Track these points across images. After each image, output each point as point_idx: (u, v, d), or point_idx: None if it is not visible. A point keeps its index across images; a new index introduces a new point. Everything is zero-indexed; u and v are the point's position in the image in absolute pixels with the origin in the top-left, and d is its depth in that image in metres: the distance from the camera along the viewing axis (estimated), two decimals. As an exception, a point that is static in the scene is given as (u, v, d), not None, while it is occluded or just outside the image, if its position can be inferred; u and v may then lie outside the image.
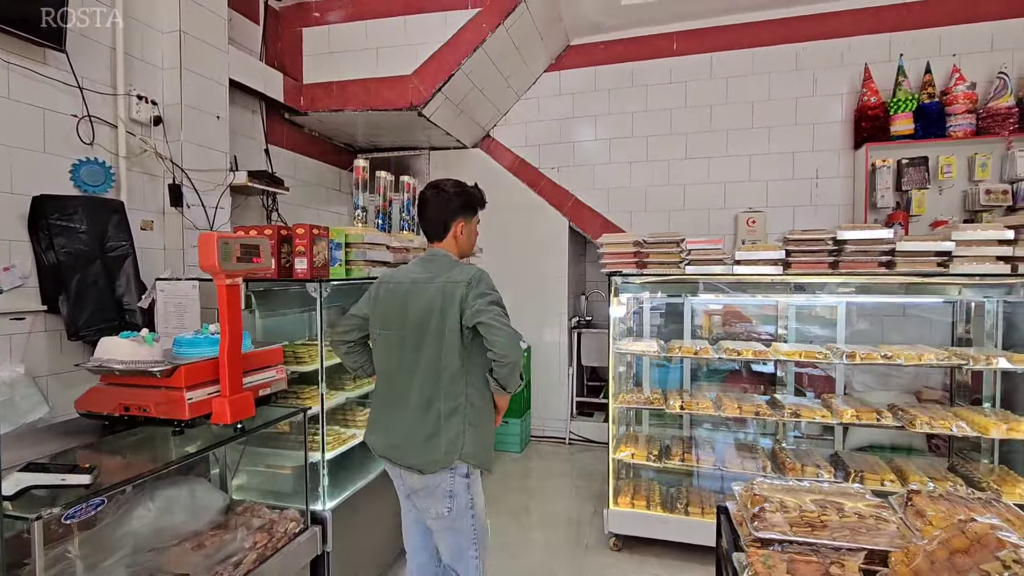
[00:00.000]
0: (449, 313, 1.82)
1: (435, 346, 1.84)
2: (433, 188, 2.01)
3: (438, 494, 1.85)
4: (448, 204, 1.98)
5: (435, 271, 1.91)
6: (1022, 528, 1.36)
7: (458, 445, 1.82)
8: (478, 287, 1.83)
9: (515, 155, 5.21)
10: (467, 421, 1.84)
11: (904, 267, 2.68)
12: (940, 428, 2.67)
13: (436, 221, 1.99)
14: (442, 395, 1.83)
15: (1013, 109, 3.87)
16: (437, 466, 1.81)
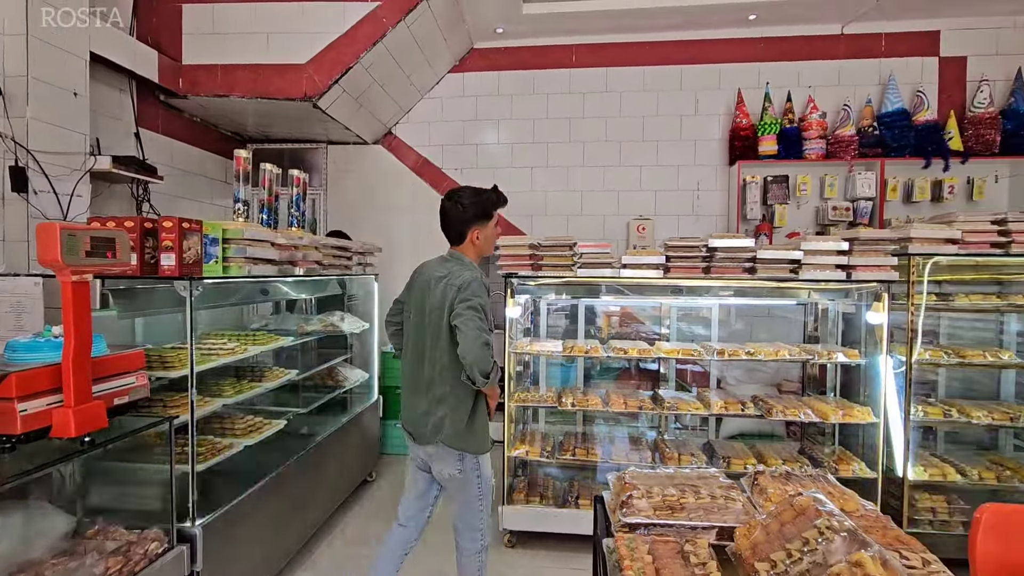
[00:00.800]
0: (445, 311, 2.09)
1: (437, 338, 2.13)
2: (450, 199, 2.22)
3: (449, 460, 2.13)
4: (463, 215, 2.20)
5: (448, 271, 2.17)
6: (839, 499, 1.58)
7: (441, 428, 2.11)
8: (464, 292, 2.05)
9: (418, 154, 5.16)
10: (449, 407, 2.11)
11: (764, 273, 2.99)
12: (792, 416, 3.02)
13: (454, 230, 2.24)
14: (436, 382, 2.14)
15: (854, 137, 4.47)
16: (427, 440, 2.14)
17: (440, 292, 2.12)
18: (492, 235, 2.29)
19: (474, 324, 1.98)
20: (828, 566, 1.15)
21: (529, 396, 3.38)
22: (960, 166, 4.39)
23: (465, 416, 2.12)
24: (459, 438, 2.11)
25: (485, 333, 2.00)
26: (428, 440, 2.14)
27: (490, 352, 2.01)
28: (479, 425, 2.17)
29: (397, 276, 5.03)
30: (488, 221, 2.24)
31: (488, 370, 2.00)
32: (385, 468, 4.42)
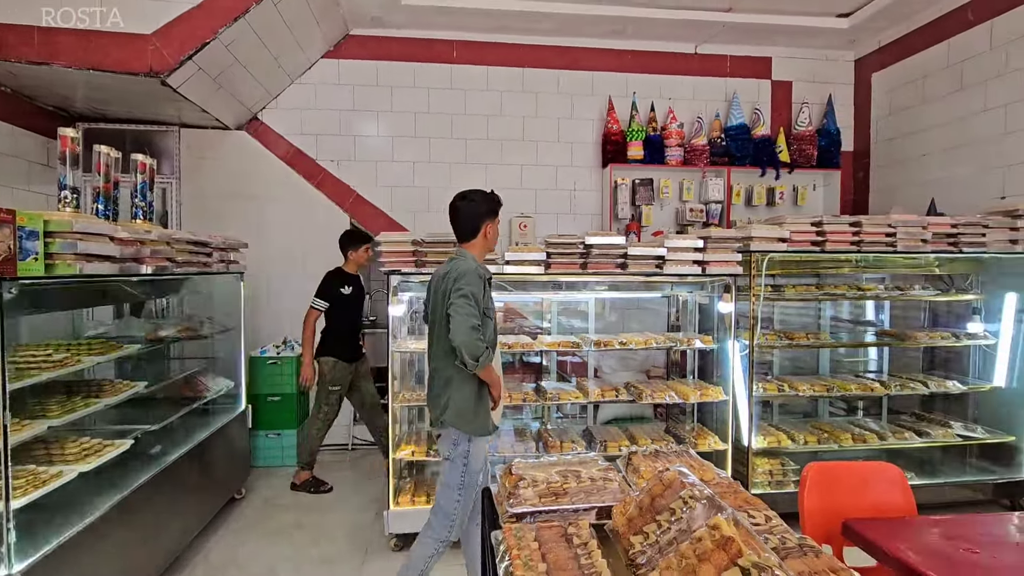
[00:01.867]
0: (445, 302, 2.26)
1: (441, 328, 2.32)
2: (462, 199, 2.45)
3: (447, 441, 2.36)
4: (478, 209, 2.42)
5: (450, 267, 2.36)
6: (699, 470, 1.75)
7: (446, 409, 2.33)
8: (458, 282, 2.24)
9: (290, 143, 4.80)
10: (454, 389, 2.32)
11: (634, 268, 3.23)
12: (659, 398, 3.30)
13: (468, 225, 2.43)
14: (441, 368, 2.37)
15: (706, 146, 4.99)
16: (436, 421, 2.39)
17: (443, 286, 2.32)
18: (498, 232, 2.53)
19: (463, 311, 2.16)
20: (692, 531, 1.28)
21: (415, 395, 3.32)
22: (788, 175, 5.11)
23: (467, 398, 2.31)
24: (460, 418, 2.31)
25: (474, 319, 2.16)
26: (436, 420, 2.39)
27: (478, 336, 2.17)
28: (480, 408, 2.34)
29: (267, 274, 4.68)
30: (495, 217, 2.48)
31: (478, 354, 2.15)
32: (257, 482, 4.07)
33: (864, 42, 5.11)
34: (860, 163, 5.24)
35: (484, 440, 2.38)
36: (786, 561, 1.15)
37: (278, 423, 4.36)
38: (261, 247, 4.62)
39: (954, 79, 4.30)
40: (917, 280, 3.98)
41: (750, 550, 1.10)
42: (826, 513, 1.94)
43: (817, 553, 1.22)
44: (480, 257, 2.45)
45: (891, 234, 3.43)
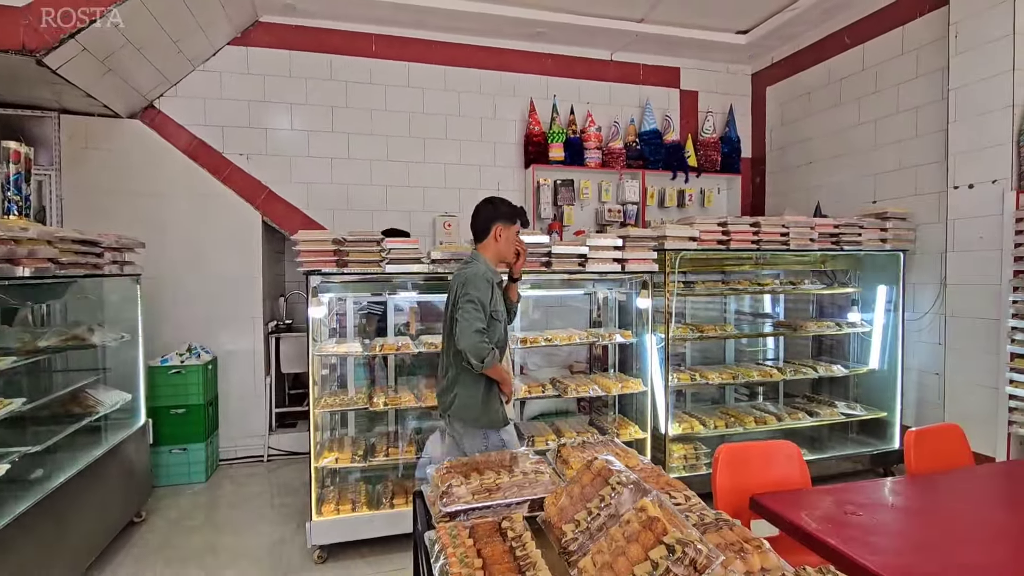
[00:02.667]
0: (452, 306, 2.40)
1: (449, 330, 2.43)
2: (487, 202, 2.53)
3: (457, 429, 2.48)
4: (494, 212, 2.49)
5: (463, 271, 2.45)
6: (624, 458, 1.84)
7: (450, 404, 2.44)
8: (465, 287, 2.35)
9: (192, 135, 4.45)
10: (461, 386, 2.42)
11: (558, 266, 3.32)
12: (583, 392, 3.41)
13: (481, 224, 2.51)
14: (450, 367, 2.46)
15: (622, 150, 5.22)
16: (445, 417, 2.52)
17: (454, 288, 2.43)
18: (512, 239, 2.54)
19: (469, 316, 2.29)
20: (620, 515, 1.34)
21: (337, 400, 3.20)
22: (696, 179, 5.47)
23: (473, 395, 2.41)
24: (467, 412, 2.42)
25: (479, 323, 2.29)
26: (443, 414, 2.52)
27: (483, 339, 2.29)
28: (489, 404, 2.43)
29: (168, 276, 4.31)
30: (512, 224, 2.52)
31: (483, 355, 2.28)
32: (160, 503, 3.74)
33: (760, 58, 5.58)
34: (757, 169, 5.72)
35: (496, 432, 2.48)
36: (705, 535, 1.23)
37: (183, 437, 4.03)
38: (161, 247, 4.25)
39: (834, 95, 4.80)
40: (806, 275, 4.41)
41: (674, 528, 1.18)
42: (736, 490, 2.10)
43: (732, 526, 1.32)
44: (493, 260, 2.52)
45: (785, 233, 3.77)
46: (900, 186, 4.21)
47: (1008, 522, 1.85)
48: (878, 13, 4.37)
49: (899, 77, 4.21)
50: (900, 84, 4.20)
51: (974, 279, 3.54)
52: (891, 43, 4.27)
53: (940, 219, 3.84)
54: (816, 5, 4.52)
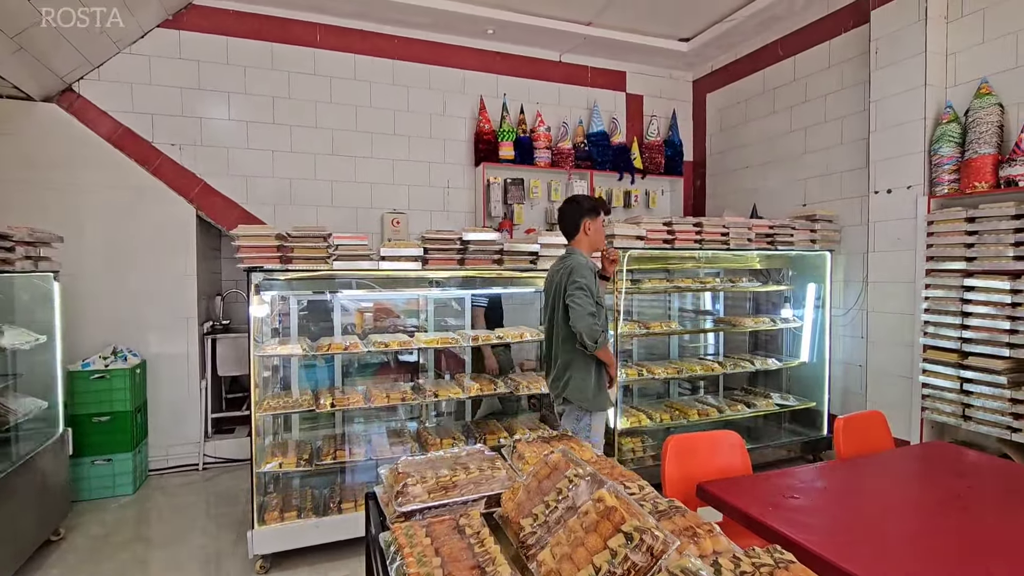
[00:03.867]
0: (561, 295, 2.62)
1: (556, 314, 2.69)
2: (569, 202, 2.79)
3: (571, 416, 2.69)
4: (580, 207, 2.74)
5: (563, 263, 2.71)
6: (579, 451, 1.86)
7: (567, 387, 2.66)
8: (571, 276, 2.59)
9: (117, 122, 4.14)
10: (575, 370, 2.65)
11: (509, 264, 3.33)
12: (535, 389, 3.44)
13: (571, 223, 2.76)
14: (561, 351, 2.70)
15: (571, 150, 5.30)
16: (558, 400, 2.74)
17: (558, 280, 2.67)
18: (600, 229, 2.78)
19: (581, 301, 2.52)
20: (578, 507, 1.35)
21: (280, 403, 3.07)
22: (641, 180, 5.63)
23: (587, 377, 2.63)
24: (581, 394, 2.63)
25: (590, 307, 2.52)
26: (558, 399, 2.72)
27: (595, 322, 2.52)
28: (599, 387, 2.66)
29: (91, 273, 3.99)
30: (597, 216, 2.75)
31: (596, 337, 2.50)
32: (80, 519, 3.46)
33: (700, 66, 5.81)
34: (698, 172, 5.96)
35: (603, 415, 2.72)
36: (660, 522, 1.26)
37: (108, 447, 3.74)
38: (83, 242, 3.94)
39: (768, 104, 5.08)
40: (744, 274, 4.63)
41: (631, 516, 1.20)
42: (684, 479, 2.18)
43: (683, 513, 1.36)
44: (587, 251, 2.75)
45: (725, 234, 3.95)
46: (827, 190, 4.51)
47: (921, 497, 2.02)
48: (807, 28, 4.65)
49: (826, 88, 4.50)
50: (827, 95, 4.49)
51: (891, 277, 3.83)
52: (819, 56, 4.56)
53: (862, 221, 4.14)
54: (752, 17, 4.75)
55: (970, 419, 3.29)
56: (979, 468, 2.24)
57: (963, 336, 3.31)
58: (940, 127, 3.54)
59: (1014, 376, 3.12)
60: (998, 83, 3.40)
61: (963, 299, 3.30)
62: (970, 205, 3.34)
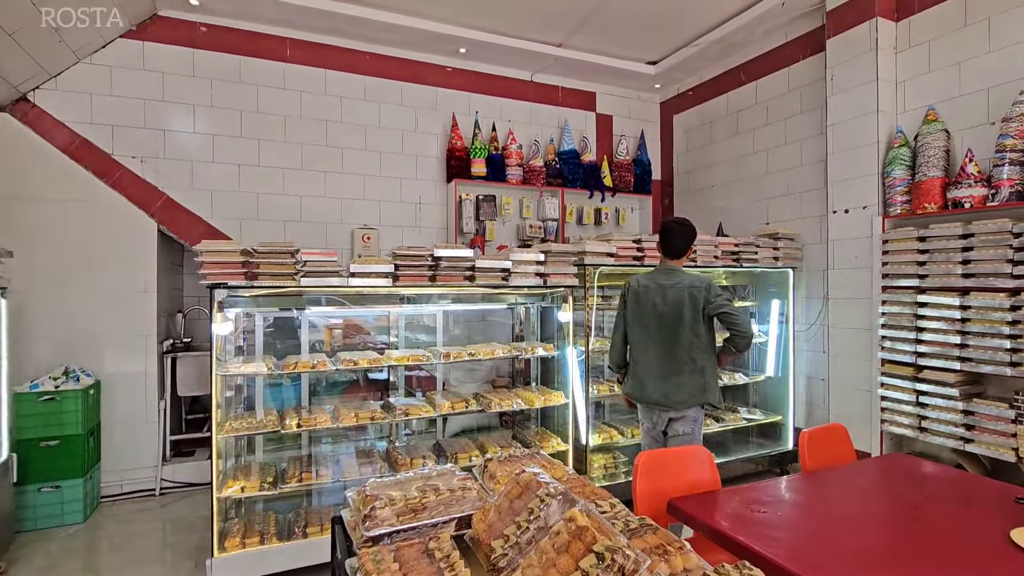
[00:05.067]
0: (691, 308, 2.82)
1: (681, 327, 2.84)
2: (680, 224, 2.94)
3: (687, 421, 2.88)
4: (691, 233, 2.94)
5: (677, 279, 2.88)
6: (551, 469, 1.85)
7: (696, 392, 2.85)
8: (713, 290, 2.82)
9: (74, 133, 4.00)
10: (707, 374, 2.86)
11: (482, 280, 3.32)
12: (507, 406, 3.41)
13: (681, 245, 2.94)
14: (686, 359, 2.85)
15: (543, 168, 5.36)
16: (684, 405, 2.85)
17: (678, 294, 2.84)
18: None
19: (735, 309, 2.81)
20: (549, 527, 1.34)
21: (244, 424, 2.97)
22: (612, 198, 5.72)
23: (715, 377, 2.91)
24: (714, 395, 2.89)
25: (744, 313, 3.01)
26: (683, 405, 2.85)
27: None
28: (716, 384, 2.94)
29: (40, 290, 3.81)
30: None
31: (751, 339, 2.83)
32: (24, 551, 3.25)
33: (667, 88, 5.99)
34: (666, 191, 6.10)
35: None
36: (631, 541, 1.26)
37: (57, 473, 3.54)
38: (33, 257, 3.77)
39: (731, 126, 5.25)
40: (711, 290, 4.72)
41: (603, 535, 1.20)
42: (655, 495, 2.18)
43: (655, 530, 1.36)
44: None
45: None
46: (789, 209, 4.67)
47: (882, 509, 2.07)
48: (768, 54, 4.85)
49: (787, 112, 4.69)
50: (788, 118, 4.68)
51: (850, 294, 3.98)
52: (779, 81, 4.75)
53: (823, 240, 4.29)
54: (715, 43, 4.94)
55: (926, 430, 3.41)
56: (934, 479, 2.31)
57: (918, 351, 3.44)
58: (892, 151, 3.72)
59: (965, 388, 3.25)
60: (943, 110, 3.60)
61: (917, 315, 3.45)
62: (921, 225, 3.50)
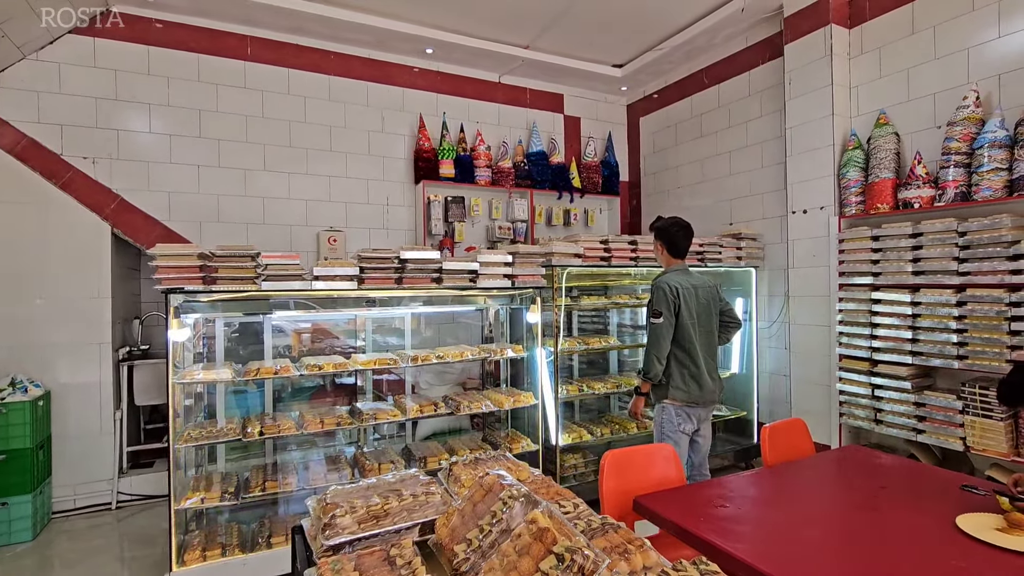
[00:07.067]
0: (716, 304, 3.08)
1: (713, 325, 3.06)
2: (683, 225, 3.06)
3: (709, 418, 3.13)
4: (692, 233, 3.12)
5: (699, 280, 3.05)
6: (516, 471, 1.85)
7: (722, 389, 3.13)
8: (721, 291, 3.16)
9: (21, 133, 3.82)
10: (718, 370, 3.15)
11: (449, 282, 3.30)
12: (476, 408, 3.40)
13: (688, 245, 3.08)
14: (716, 356, 3.09)
15: (511, 169, 5.37)
16: (717, 400, 3.09)
17: (707, 294, 3.03)
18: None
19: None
20: (512, 530, 1.34)
21: (204, 432, 2.88)
22: (580, 199, 5.77)
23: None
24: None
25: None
26: (717, 400, 3.09)
27: None
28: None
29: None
30: None
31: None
32: (-34, 574, 3.08)
33: (633, 91, 6.07)
34: (633, 192, 6.18)
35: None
36: (592, 540, 1.27)
37: (3, 489, 3.37)
38: (-27, 262, 3.58)
39: (696, 128, 5.36)
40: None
41: (563, 536, 1.20)
42: (621, 493, 2.20)
43: (616, 529, 1.37)
44: None
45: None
46: (751, 210, 4.78)
47: (839, 499, 2.14)
48: (729, 58, 4.97)
49: (747, 115, 4.80)
50: (748, 121, 4.80)
51: (810, 291, 4.10)
52: (740, 85, 4.87)
53: (783, 239, 4.41)
54: (679, 47, 5.03)
55: (881, 423, 3.54)
56: (889, 469, 2.40)
57: (873, 346, 3.57)
58: (847, 153, 3.86)
59: (917, 381, 3.39)
60: (894, 114, 3.74)
61: (871, 311, 3.57)
62: (874, 224, 3.64)
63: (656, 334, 2.91)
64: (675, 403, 2.95)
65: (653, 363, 2.91)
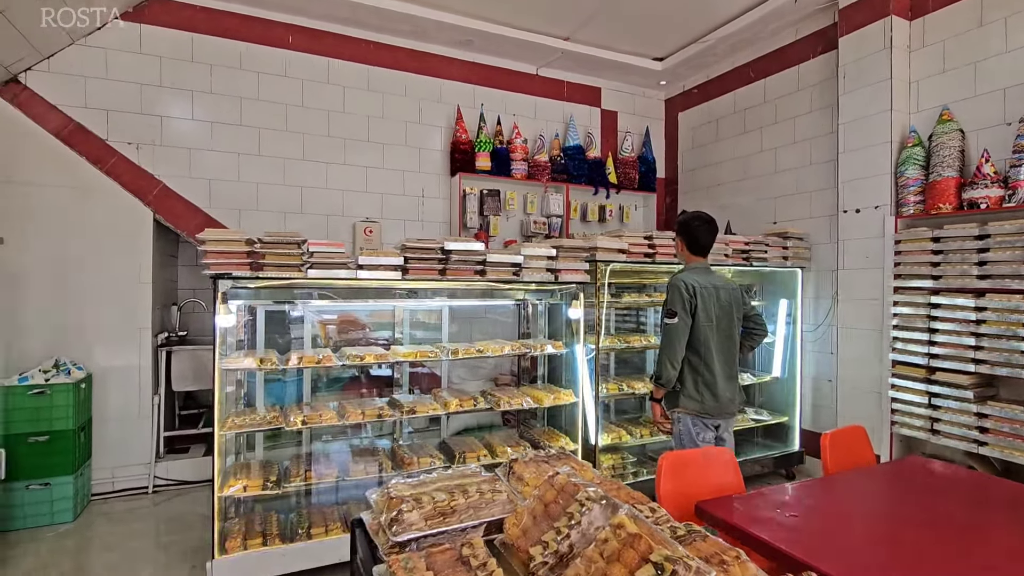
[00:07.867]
0: (739, 307, 2.86)
1: (734, 329, 2.83)
2: (707, 220, 2.82)
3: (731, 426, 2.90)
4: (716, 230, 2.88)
5: (720, 279, 2.83)
6: (580, 471, 1.77)
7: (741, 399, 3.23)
8: (747, 294, 2.95)
9: (68, 117, 3.85)
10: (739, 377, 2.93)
11: (492, 274, 3.23)
12: (516, 405, 3.33)
13: (712, 242, 2.86)
14: (735, 364, 2.84)
15: (547, 163, 5.28)
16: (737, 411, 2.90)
17: (729, 296, 2.81)
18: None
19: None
20: (592, 534, 1.26)
21: (246, 420, 2.86)
22: (616, 195, 5.66)
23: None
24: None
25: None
26: (735, 412, 2.88)
27: None
28: None
29: (30, 278, 3.66)
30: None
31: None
32: (12, 551, 3.11)
33: (673, 85, 5.93)
34: (670, 188, 6.05)
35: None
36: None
37: (46, 469, 3.40)
38: (23, 243, 3.63)
39: (739, 124, 5.21)
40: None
41: (657, 544, 1.12)
42: (678, 496, 2.12)
43: (704, 538, 1.29)
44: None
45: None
46: (797, 209, 4.63)
47: (919, 514, 2.02)
48: (778, 51, 4.81)
49: (796, 111, 4.65)
50: (796, 117, 4.64)
51: (861, 294, 3.94)
52: (789, 80, 4.71)
53: (832, 240, 4.26)
54: (724, 40, 4.88)
55: (938, 433, 3.38)
56: (968, 483, 2.27)
57: (930, 352, 3.41)
58: (905, 150, 3.69)
59: (979, 391, 3.23)
60: (958, 110, 3.57)
61: (930, 316, 3.42)
62: (935, 225, 3.47)
63: (670, 336, 2.69)
64: (688, 413, 2.76)
65: (666, 367, 2.70)
